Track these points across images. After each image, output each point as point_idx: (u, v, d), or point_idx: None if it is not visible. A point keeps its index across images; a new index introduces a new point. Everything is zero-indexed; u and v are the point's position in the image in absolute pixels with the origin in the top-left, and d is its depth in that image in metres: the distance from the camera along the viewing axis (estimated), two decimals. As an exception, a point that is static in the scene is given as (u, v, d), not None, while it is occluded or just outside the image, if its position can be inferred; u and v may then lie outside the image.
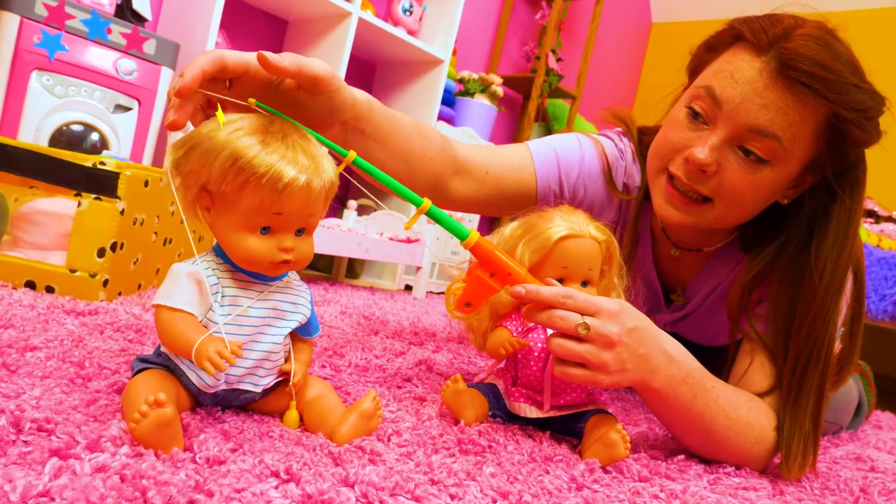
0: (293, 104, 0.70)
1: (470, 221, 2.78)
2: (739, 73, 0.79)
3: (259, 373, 0.66)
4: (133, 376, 0.62)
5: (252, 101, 0.63)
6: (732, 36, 0.83)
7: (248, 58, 0.64)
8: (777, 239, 0.90)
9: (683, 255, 1.04)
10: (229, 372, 0.63)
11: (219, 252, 0.65)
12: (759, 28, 0.79)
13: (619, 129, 1.09)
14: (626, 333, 0.70)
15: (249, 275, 0.65)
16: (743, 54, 0.80)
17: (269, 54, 0.63)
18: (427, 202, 0.68)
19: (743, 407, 0.80)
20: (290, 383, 0.67)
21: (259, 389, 0.67)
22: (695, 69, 0.89)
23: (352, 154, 0.66)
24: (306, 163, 0.60)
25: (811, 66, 0.75)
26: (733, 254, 1.01)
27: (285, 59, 0.64)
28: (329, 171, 0.63)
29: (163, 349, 0.65)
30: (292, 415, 0.67)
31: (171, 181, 0.63)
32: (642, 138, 1.05)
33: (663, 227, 1.01)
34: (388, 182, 0.69)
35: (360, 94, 0.77)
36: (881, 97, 0.79)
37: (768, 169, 0.80)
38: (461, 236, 0.70)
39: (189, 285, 0.61)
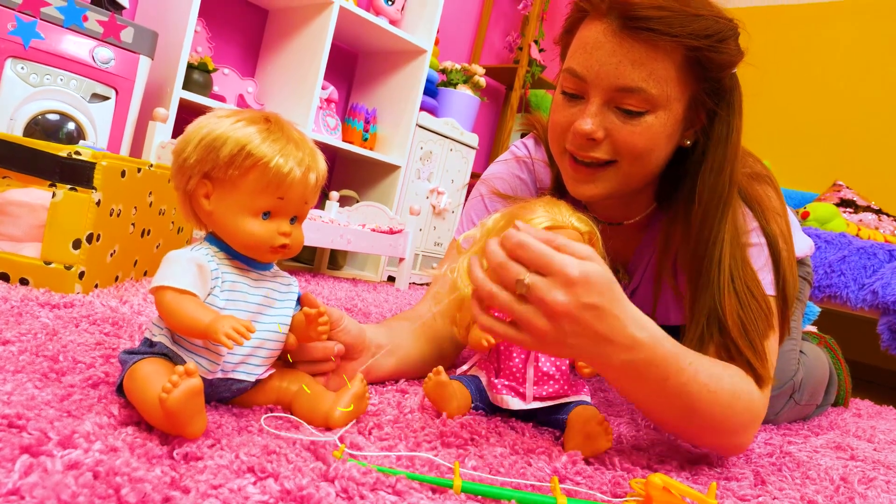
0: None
1: (450, 228, 2.77)
2: (590, 44, 0.82)
3: (253, 362, 0.67)
4: (127, 368, 0.61)
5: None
6: (579, 13, 0.86)
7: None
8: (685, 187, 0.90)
9: (613, 233, 1.01)
10: (226, 359, 0.64)
11: (212, 241, 0.67)
12: None
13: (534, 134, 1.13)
14: (578, 307, 0.62)
15: (244, 262, 0.67)
16: (590, 26, 0.83)
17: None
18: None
19: (725, 378, 0.76)
20: (325, 322, 0.71)
21: (252, 379, 0.67)
22: (563, 54, 0.92)
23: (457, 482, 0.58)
24: (305, 154, 0.67)
25: (646, 11, 0.77)
26: (661, 222, 0.99)
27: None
28: (321, 164, 0.69)
29: (156, 338, 0.65)
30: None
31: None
32: None
33: (584, 205, 1.00)
34: (507, 495, 0.60)
35: (370, 329, 0.87)
36: (727, 19, 0.81)
37: (651, 116, 0.82)
38: None
39: (191, 268, 0.63)
